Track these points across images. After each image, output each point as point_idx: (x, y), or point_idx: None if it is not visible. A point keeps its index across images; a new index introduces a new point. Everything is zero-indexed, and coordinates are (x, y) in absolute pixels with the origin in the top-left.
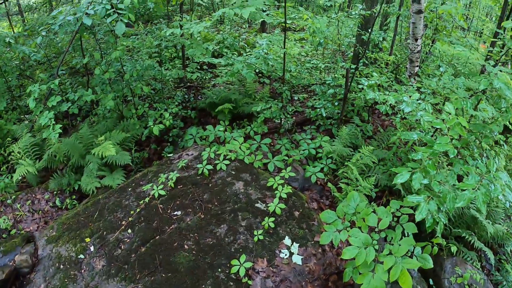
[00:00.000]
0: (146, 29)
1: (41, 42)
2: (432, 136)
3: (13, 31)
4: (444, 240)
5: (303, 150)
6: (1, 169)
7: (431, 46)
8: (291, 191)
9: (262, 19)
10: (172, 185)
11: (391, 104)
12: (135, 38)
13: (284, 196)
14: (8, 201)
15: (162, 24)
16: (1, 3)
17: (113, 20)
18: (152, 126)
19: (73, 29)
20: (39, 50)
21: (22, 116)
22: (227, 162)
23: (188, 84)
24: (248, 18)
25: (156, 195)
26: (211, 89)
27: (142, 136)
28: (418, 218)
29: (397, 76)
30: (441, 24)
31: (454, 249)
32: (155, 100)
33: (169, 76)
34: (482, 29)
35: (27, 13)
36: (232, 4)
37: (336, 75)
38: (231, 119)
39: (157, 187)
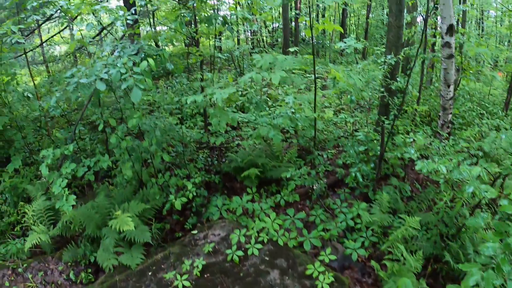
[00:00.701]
0: (166, 83)
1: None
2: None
3: (33, 82)
4: None
5: (340, 222)
6: (15, 229)
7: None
8: (333, 279)
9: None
10: (198, 273)
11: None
12: (155, 92)
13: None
14: (20, 270)
15: (182, 78)
16: (22, 54)
17: (128, 85)
18: (174, 200)
19: (87, 93)
20: (57, 106)
21: (39, 173)
22: (259, 246)
23: (211, 144)
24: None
25: (180, 286)
26: (236, 150)
27: (163, 209)
28: None
29: (432, 128)
30: (467, 63)
31: None
32: (176, 162)
33: (191, 137)
34: (497, 57)
35: (51, 63)
36: (259, 67)
37: (367, 130)
38: (258, 184)
39: (181, 276)
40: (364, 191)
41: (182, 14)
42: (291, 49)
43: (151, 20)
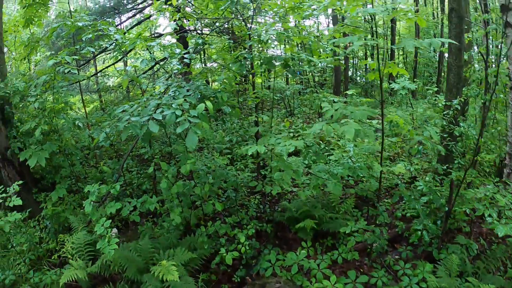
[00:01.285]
0: (218, 121)
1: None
2: None
3: (85, 109)
4: None
5: (405, 287)
6: (53, 257)
7: None
8: None
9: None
10: None
11: None
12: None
13: None
14: None
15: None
16: (76, 82)
17: (184, 130)
18: (224, 254)
19: (139, 133)
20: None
21: (83, 202)
22: None
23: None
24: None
25: None
26: (289, 198)
27: (211, 260)
28: None
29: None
30: None
31: None
32: (226, 206)
33: (243, 181)
34: None
35: (103, 92)
36: (329, 117)
37: (427, 179)
38: (313, 237)
39: None
40: (427, 249)
41: (243, 55)
42: (349, 92)
43: (202, 56)
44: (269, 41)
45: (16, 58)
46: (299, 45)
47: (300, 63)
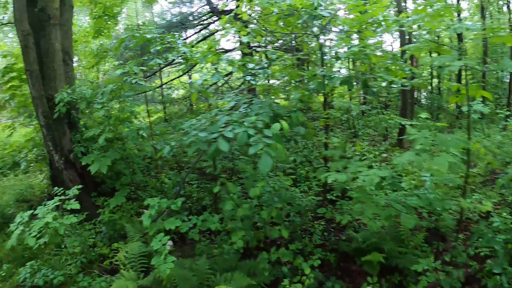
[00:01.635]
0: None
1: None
2: None
3: (149, 119)
4: None
5: None
6: (104, 262)
7: None
8: None
9: None
10: None
11: None
12: None
13: None
14: None
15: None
16: (142, 93)
17: (257, 151)
18: (288, 286)
19: (206, 149)
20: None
21: (140, 210)
22: None
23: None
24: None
25: None
26: (354, 226)
27: None
28: None
29: None
30: None
31: None
32: (289, 229)
33: (307, 205)
34: None
35: (168, 104)
36: (419, 146)
37: (505, 215)
38: (379, 271)
39: None
40: None
41: (322, 73)
42: (422, 115)
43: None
44: (342, 59)
45: (85, 66)
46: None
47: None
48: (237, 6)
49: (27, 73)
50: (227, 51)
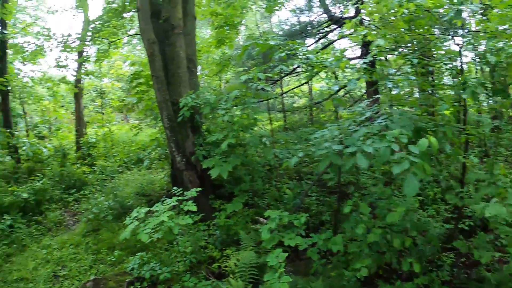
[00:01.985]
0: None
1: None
2: None
3: (271, 127)
4: None
5: None
6: (213, 265)
7: None
8: None
9: None
10: None
11: None
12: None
13: None
14: None
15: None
16: (265, 100)
17: (402, 171)
18: None
19: (339, 163)
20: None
21: (256, 218)
22: None
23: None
24: None
25: None
26: (488, 265)
27: None
28: None
29: None
30: None
31: None
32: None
33: (436, 231)
34: None
35: (289, 112)
36: None
37: None
38: None
39: None
40: None
41: (476, 81)
42: None
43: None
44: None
45: (208, 74)
46: None
47: None
48: (357, 12)
49: (153, 78)
50: (350, 59)
